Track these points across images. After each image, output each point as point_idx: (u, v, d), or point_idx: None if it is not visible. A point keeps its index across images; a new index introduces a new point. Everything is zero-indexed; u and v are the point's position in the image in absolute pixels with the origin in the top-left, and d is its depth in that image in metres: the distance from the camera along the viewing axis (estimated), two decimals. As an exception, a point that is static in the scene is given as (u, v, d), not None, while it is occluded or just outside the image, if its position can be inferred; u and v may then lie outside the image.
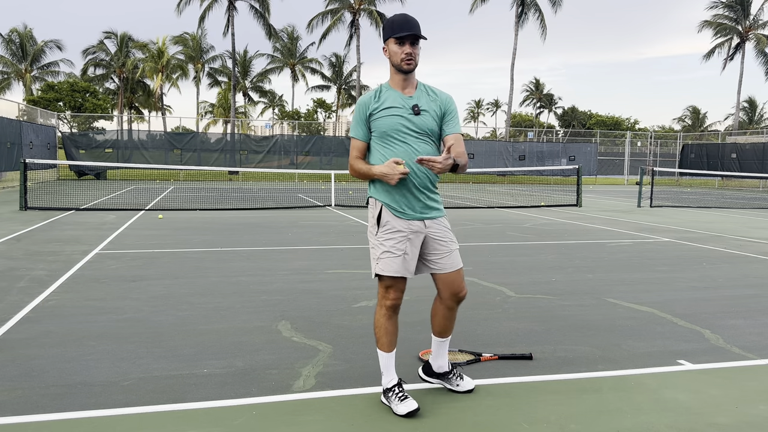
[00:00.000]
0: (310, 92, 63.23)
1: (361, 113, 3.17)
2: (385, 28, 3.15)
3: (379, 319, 3.24)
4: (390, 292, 3.19)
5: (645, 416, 3.16)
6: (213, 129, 60.93)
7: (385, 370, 3.24)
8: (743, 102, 60.58)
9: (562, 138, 50.63)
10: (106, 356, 3.94)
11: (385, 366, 3.24)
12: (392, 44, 3.10)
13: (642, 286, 6.41)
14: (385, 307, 3.22)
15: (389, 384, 3.21)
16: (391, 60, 3.14)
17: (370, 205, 3.25)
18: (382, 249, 3.15)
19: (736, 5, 42.05)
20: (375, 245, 3.19)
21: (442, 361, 3.45)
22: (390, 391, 3.18)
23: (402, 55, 3.08)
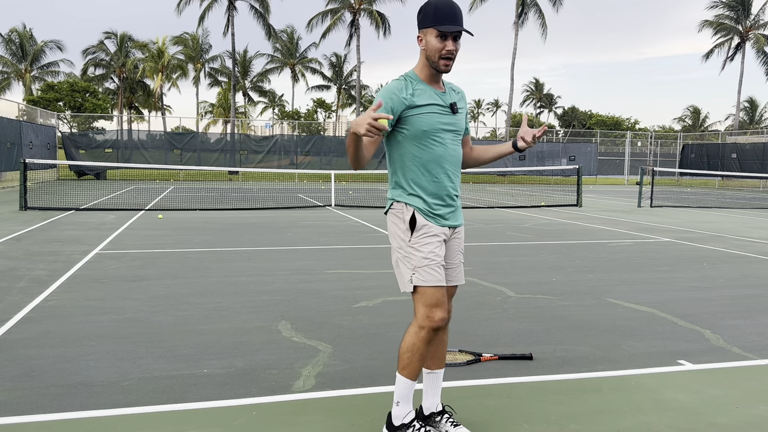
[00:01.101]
0: (310, 92, 63.30)
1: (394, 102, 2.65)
2: (425, 15, 2.66)
3: (416, 342, 2.69)
4: (436, 311, 2.67)
5: (645, 416, 3.16)
6: (213, 129, 60.97)
7: (403, 400, 2.75)
8: (743, 102, 60.60)
9: (562, 138, 50.62)
10: (106, 356, 3.94)
11: (406, 395, 2.75)
12: (432, 36, 2.65)
13: (642, 286, 6.41)
14: (428, 328, 2.68)
15: (407, 419, 2.75)
16: (426, 52, 2.69)
17: (394, 210, 2.78)
18: (419, 255, 2.68)
19: (736, 5, 42.05)
20: (409, 253, 2.71)
21: (432, 400, 2.96)
22: (408, 427, 2.75)
23: (443, 52, 2.65)
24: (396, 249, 2.78)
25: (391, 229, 2.81)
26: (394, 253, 2.80)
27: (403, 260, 2.74)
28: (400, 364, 2.75)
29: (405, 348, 2.74)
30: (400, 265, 2.76)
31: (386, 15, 40.37)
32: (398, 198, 2.78)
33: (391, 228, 2.80)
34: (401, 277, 2.76)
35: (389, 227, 2.82)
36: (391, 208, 2.81)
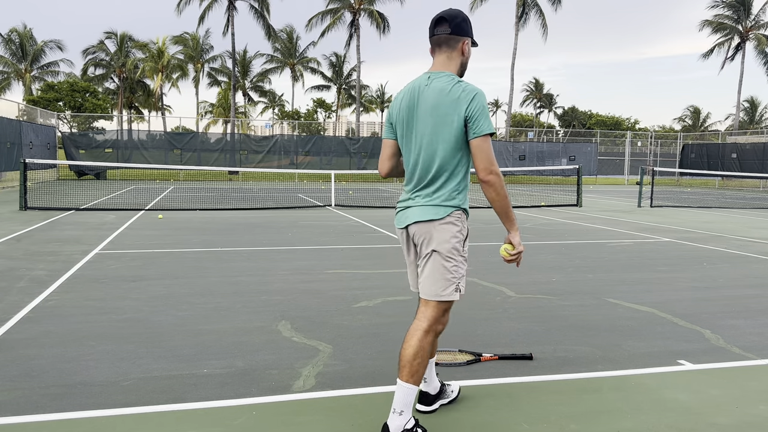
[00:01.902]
0: (310, 92, 63.28)
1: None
2: (470, 23, 2.85)
3: (425, 346, 2.76)
4: (448, 313, 2.88)
5: (645, 416, 3.16)
6: (213, 129, 60.94)
7: (407, 408, 2.75)
8: (744, 102, 60.60)
9: (562, 138, 50.62)
10: (106, 356, 3.94)
11: (409, 403, 2.76)
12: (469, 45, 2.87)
13: (642, 286, 6.41)
14: (435, 332, 2.84)
15: (409, 425, 2.76)
16: (464, 59, 2.86)
17: (455, 218, 2.79)
18: (465, 266, 2.84)
19: (737, 5, 42.05)
20: (461, 263, 2.80)
21: (435, 382, 3.22)
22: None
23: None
24: (447, 257, 2.76)
25: (445, 237, 2.76)
26: (440, 260, 2.76)
27: (452, 269, 2.77)
28: (408, 371, 2.73)
29: (413, 354, 2.73)
30: (444, 275, 2.76)
31: (386, 15, 40.37)
32: (459, 206, 2.80)
33: (446, 236, 2.76)
34: (442, 285, 2.76)
35: (441, 234, 2.76)
36: (450, 215, 2.77)
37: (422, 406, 3.19)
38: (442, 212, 2.76)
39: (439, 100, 2.73)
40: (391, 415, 2.77)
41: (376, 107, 69.73)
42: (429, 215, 2.77)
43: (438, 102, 2.73)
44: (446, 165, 2.77)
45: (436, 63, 2.86)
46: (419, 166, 2.82)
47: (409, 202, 2.88)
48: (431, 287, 2.78)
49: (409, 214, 2.85)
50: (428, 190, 2.81)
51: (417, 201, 2.84)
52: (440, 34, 2.81)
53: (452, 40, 2.80)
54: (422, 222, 2.79)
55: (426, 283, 2.81)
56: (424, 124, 2.78)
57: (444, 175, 2.79)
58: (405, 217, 2.87)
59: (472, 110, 2.68)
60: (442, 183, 2.79)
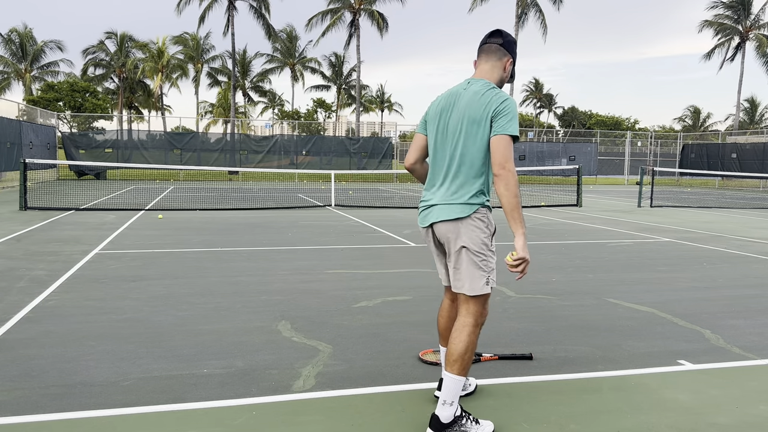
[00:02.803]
0: (309, 92, 63.26)
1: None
2: (516, 46, 3.13)
3: (474, 340, 2.88)
4: (487, 306, 3.00)
5: (645, 416, 3.16)
6: (213, 129, 60.96)
7: (456, 399, 2.87)
8: (744, 102, 60.59)
9: (562, 138, 50.62)
10: (106, 356, 3.94)
11: (457, 393, 2.87)
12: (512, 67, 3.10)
13: (642, 286, 6.41)
14: (482, 324, 2.96)
15: (457, 412, 2.88)
16: (504, 75, 3.08)
17: (480, 215, 2.92)
18: (495, 259, 2.96)
19: (737, 5, 42.05)
20: (489, 257, 2.92)
21: None
22: (462, 418, 2.88)
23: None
24: (476, 252, 2.89)
25: (472, 233, 2.89)
26: (471, 256, 2.88)
27: (481, 264, 2.90)
28: (460, 365, 2.84)
29: (464, 349, 2.85)
30: (476, 269, 2.89)
31: (386, 15, 40.36)
32: (485, 203, 2.95)
33: (474, 232, 2.89)
34: (475, 281, 2.89)
35: (470, 231, 2.89)
36: (476, 212, 2.91)
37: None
38: (468, 210, 2.90)
39: (473, 101, 2.90)
40: (441, 406, 2.85)
41: (376, 107, 69.73)
42: (455, 214, 2.90)
43: (471, 103, 2.90)
44: (473, 165, 2.91)
45: (478, 71, 3.07)
46: (446, 164, 2.97)
47: (434, 200, 3.00)
48: (466, 283, 2.90)
49: (433, 212, 2.98)
50: (453, 187, 2.94)
51: (442, 198, 2.96)
52: (492, 43, 3.05)
53: (500, 51, 3.04)
54: (448, 221, 2.92)
55: (461, 279, 2.92)
56: (456, 124, 2.94)
57: (471, 174, 2.92)
58: (429, 215, 3.01)
59: (498, 110, 2.85)
60: (467, 181, 2.92)
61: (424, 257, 7.97)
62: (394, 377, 3.66)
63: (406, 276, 6.74)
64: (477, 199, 2.92)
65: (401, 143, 42.85)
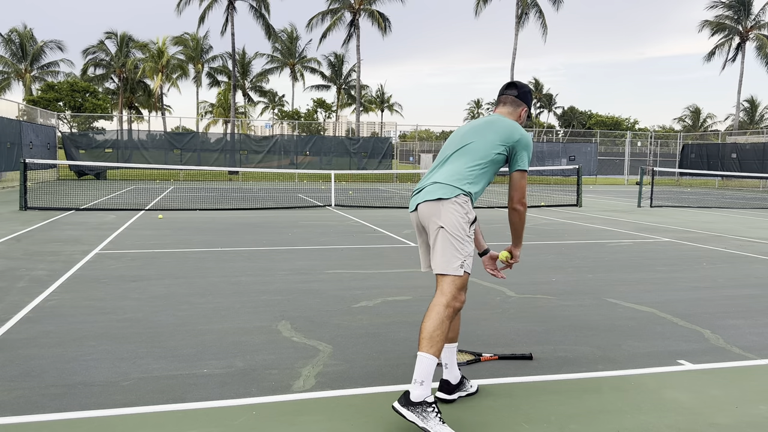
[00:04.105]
0: (309, 91, 63.27)
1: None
2: (531, 98, 3.50)
3: (444, 320, 2.97)
4: (463, 293, 3.08)
5: (645, 416, 3.16)
6: (213, 129, 60.98)
7: (427, 379, 2.86)
8: (744, 102, 60.58)
9: (562, 138, 50.61)
10: (106, 356, 3.94)
11: (429, 374, 2.87)
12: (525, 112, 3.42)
13: (642, 286, 6.41)
14: (454, 308, 3.03)
15: (430, 397, 2.86)
16: (519, 121, 3.38)
17: (461, 201, 3.07)
18: (471, 246, 3.10)
19: (736, 5, 42.05)
20: (465, 242, 3.06)
21: (456, 371, 3.34)
22: (429, 406, 2.84)
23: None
24: (452, 234, 3.04)
25: (451, 215, 3.05)
26: (447, 236, 3.04)
27: (457, 246, 3.04)
28: (428, 343, 2.92)
29: (434, 326, 2.94)
30: (451, 250, 3.04)
31: (386, 15, 40.30)
32: (467, 192, 3.11)
33: (453, 214, 3.05)
34: (449, 260, 3.04)
35: (449, 213, 3.05)
36: (458, 197, 3.08)
37: (443, 393, 3.30)
38: (451, 192, 3.07)
39: (495, 121, 3.24)
40: (413, 384, 2.88)
41: (376, 107, 69.72)
42: (437, 194, 3.09)
43: (493, 122, 3.24)
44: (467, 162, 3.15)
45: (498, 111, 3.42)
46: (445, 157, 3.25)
47: (423, 184, 3.21)
48: (441, 261, 3.05)
49: (421, 194, 3.18)
50: (443, 169, 3.18)
51: (430, 180, 3.17)
52: (508, 94, 3.39)
53: (516, 102, 3.38)
54: (430, 201, 3.10)
55: (436, 258, 3.08)
56: (469, 131, 3.26)
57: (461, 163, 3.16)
58: (416, 198, 3.21)
59: (519, 145, 3.18)
60: (459, 170, 3.14)
61: (424, 257, 7.96)
62: (394, 377, 3.66)
63: (406, 276, 6.74)
64: (462, 185, 3.10)
65: (401, 143, 42.84)
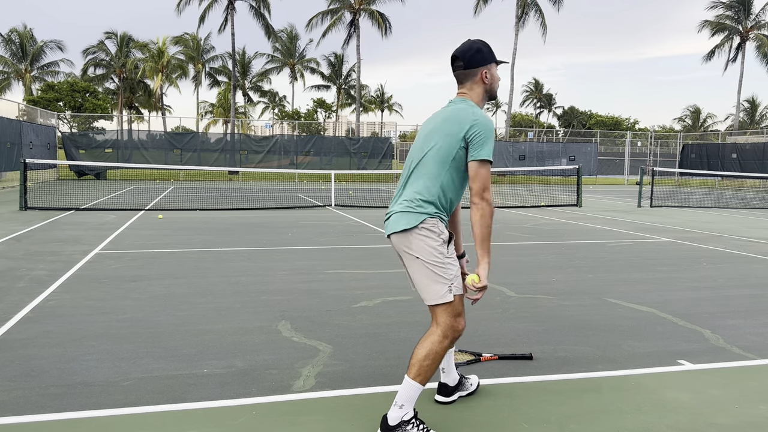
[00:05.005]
0: (309, 91, 63.28)
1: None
2: (488, 51, 2.96)
3: (439, 351, 2.81)
4: (460, 320, 2.85)
5: (645, 416, 3.16)
6: (213, 129, 60.98)
7: (408, 403, 2.82)
8: (744, 102, 60.57)
9: (562, 138, 50.61)
10: (106, 356, 3.94)
11: (412, 399, 2.83)
12: (495, 69, 2.99)
13: (642, 286, 6.41)
14: (452, 338, 2.84)
15: (407, 416, 2.82)
16: (491, 85, 2.99)
17: (429, 225, 2.81)
18: (455, 266, 2.87)
19: (736, 5, 42.04)
20: (446, 265, 2.82)
21: (454, 374, 3.32)
22: (408, 424, 2.82)
23: (499, 81, 3.04)
24: (430, 262, 2.80)
25: (420, 245, 2.81)
26: (425, 266, 2.81)
27: (439, 272, 2.80)
28: (416, 371, 2.79)
29: (424, 355, 2.79)
30: (434, 279, 2.80)
31: (387, 15, 40.31)
32: (433, 213, 2.84)
33: (422, 242, 2.81)
34: (435, 289, 2.80)
35: (419, 242, 2.81)
36: (424, 222, 2.81)
37: (441, 397, 3.29)
38: (414, 220, 2.82)
39: (450, 117, 2.88)
40: (393, 406, 2.84)
41: (376, 107, 69.71)
42: (401, 225, 2.85)
43: (448, 119, 2.88)
44: (429, 174, 2.86)
45: (458, 91, 3.03)
46: (407, 173, 2.97)
47: (392, 208, 2.96)
48: (427, 293, 2.83)
49: (389, 223, 2.94)
50: (406, 193, 2.90)
51: (396, 206, 2.92)
52: (456, 71, 3.00)
53: (468, 74, 2.97)
54: (398, 233, 2.87)
55: (422, 290, 2.86)
56: (425, 138, 2.94)
57: (425, 177, 2.87)
58: (387, 225, 2.97)
59: (473, 134, 2.80)
60: (419, 190, 2.86)
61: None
62: (394, 377, 3.66)
63: (406, 276, 6.72)
64: (425, 209, 2.83)
65: (401, 143, 42.85)
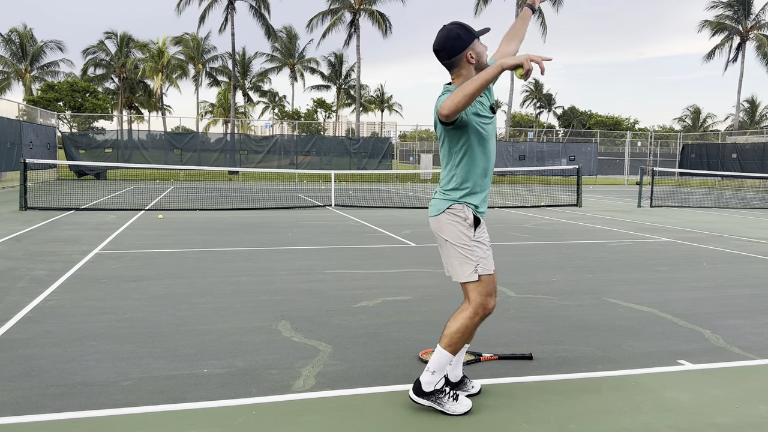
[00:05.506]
0: (309, 91, 63.26)
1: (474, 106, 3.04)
2: (467, 33, 3.03)
3: (469, 326, 3.07)
4: (491, 299, 3.08)
5: (645, 416, 3.16)
6: (213, 129, 61.00)
7: (439, 370, 3.09)
8: (744, 102, 60.57)
9: (562, 138, 50.61)
10: (106, 356, 3.94)
11: (443, 367, 3.10)
12: (479, 45, 3.08)
13: (642, 286, 6.41)
14: (482, 315, 3.08)
15: (439, 385, 3.10)
16: (477, 61, 3.07)
17: (455, 210, 3.08)
18: (483, 248, 3.10)
19: (736, 5, 42.04)
20: (472, 247, 3.07)
21: (459, 370, 3.38)
22: (441, 392, 3.10)
23: (487, 52, 3.13)
24: (455, 245, 3.09)
25: (450, 227, 3.10)
26: (454, 247, 3.10)
27: (465, 253, 3.08)
28: (448, 341, 3.08)
29: (456, 329, 3.07)
30: (461, 260, 3.08)
31: (387, 15, 40.29)
32: (458, 200, 3.11)
33: (449, 226, 3.10)
34: (461, 269, 3.09)
35: (447, 226, 3.10)
36: (450, 208, 3.11)
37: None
38: (442, 206, 3.13)
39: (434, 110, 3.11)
40: (425, 372, 3.12)
41: (376, 107, 69.72)
42: (434, 211, 3.18)
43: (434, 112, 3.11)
44: (445, 162, 3.17)
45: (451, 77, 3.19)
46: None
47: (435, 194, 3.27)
48: (455, 271, 3.13)
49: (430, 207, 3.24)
50: (440, 182, 3.22)
51: (434, 195, 3.23)
52: (442, 61, 3.15)
53: (454, 62, 3.11)
54: (432, 217, 3.20)
55: (451, 268, 3.16)
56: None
57: (444, 171, 3.18)
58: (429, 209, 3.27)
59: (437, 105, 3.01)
60: (444, 177, 3.18)
61: (424, 257, 7.97)
62: (394, 377, 3.66)
63: (406, 276, 6.74)
64: (450, 195, 3.12)
65: (401, 143, 42.85)
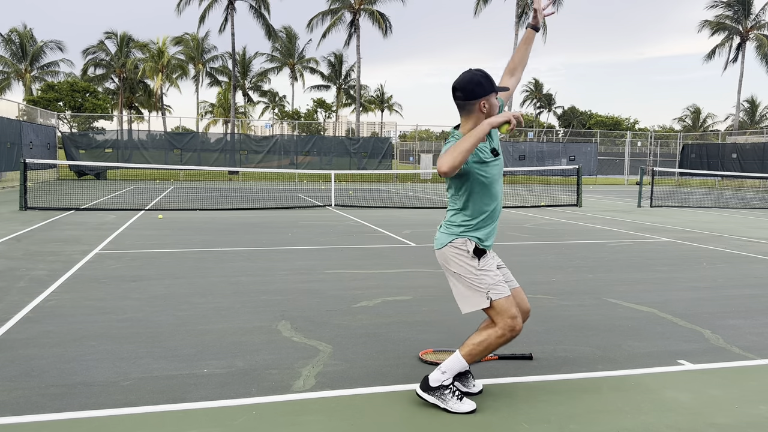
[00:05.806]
0: (309, 92, 63.22)
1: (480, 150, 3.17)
2: (487, 83, 3.12)
3: (493, 343, 3.16)
4: (517, 320, 3.15)
5: (645, 416, 3.16)
6: (213, 129, 61.01)
7: (450, 372, 3.20)
8: (744, 102, 60.57)
9: (562, 138, 50.61)
10: (106, 356, 3.94)
11: (454, 370, 3.21)
12: (494, 99, 3.16)
13: (642, 286, 6.41)
14: (509, 336, 3.16)
15: (446, 382, 3.19)
16: (488, 112, 3.15)
17: (457, 244, 3.19)
18: (491, 274, 3.19)
19: (736, 5, 42.05)
20: (480, 275, 3.16)
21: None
22: (446, 389, 3.19)
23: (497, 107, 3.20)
24: (464, 276, 3.19)
25: (455, 260, 3.21)
26: (460, 280, 3.21)
27: (474, 283, 3.17)
28: (468, 351, 3.18)
29: (479, 342, 3.17)
30: (471, 288, 3.18)
31: (387, 15, 40.30)
32: (460, 235, 3.20)
33: (454, 260, 3.21)
34: (473, 299, 3.18)
35: (452, 259, 3.21)
36: (452, 243, 3.21)
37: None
38: (445, 240, 3.24)
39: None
40: (436, 370, 3.22)
41: (376, 107, 69.72)
42: (438, 244, 3.28)
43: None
44: (451, 199, 3.28)
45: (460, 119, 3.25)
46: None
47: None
48: (468, 302, 3.21)
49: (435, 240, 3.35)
50: (445, 215, 3.34)
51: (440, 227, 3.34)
52: (456, 100, 3.20)
53: (467, 105, 3.16)
54: (437, 250, 3.29)
55: (464, 300, 3.23)
56: None
57: (450, 205, 3.29)
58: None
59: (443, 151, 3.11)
60: (449, 206, 3.30)
61: (424, 257, 7.97)
62: (394, 377, 3.66)
63: (406, 276, 6.74)
64: (452, 230, 3.22)
65: (401, 143, 42.85)
